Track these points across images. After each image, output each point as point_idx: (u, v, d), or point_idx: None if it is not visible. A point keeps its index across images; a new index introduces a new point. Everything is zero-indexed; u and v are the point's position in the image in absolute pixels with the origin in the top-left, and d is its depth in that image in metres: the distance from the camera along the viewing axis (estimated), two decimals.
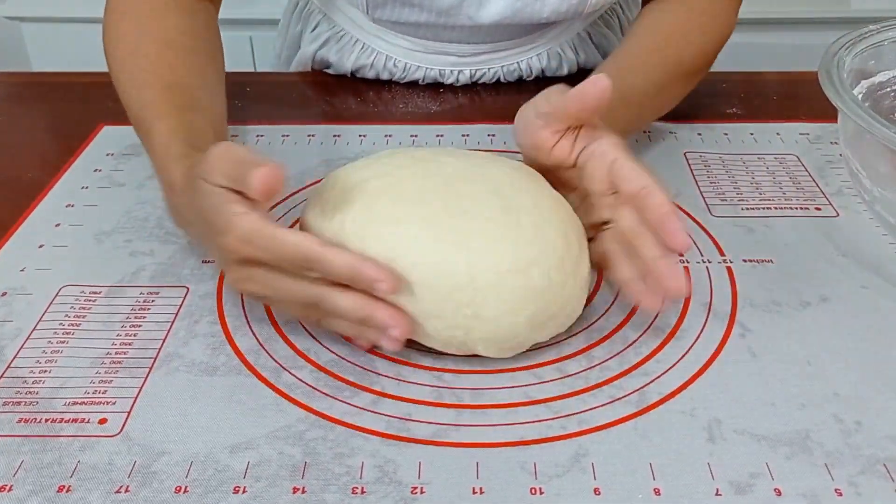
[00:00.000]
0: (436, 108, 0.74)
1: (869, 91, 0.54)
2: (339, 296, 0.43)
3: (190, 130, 0.53)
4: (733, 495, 0.38)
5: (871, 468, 0.39)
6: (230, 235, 0.43)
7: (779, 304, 0.49)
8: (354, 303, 0.42)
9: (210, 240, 0.46)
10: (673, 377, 0.45)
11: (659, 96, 0.64)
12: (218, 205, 0.43)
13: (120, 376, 0.45)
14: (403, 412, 0.43)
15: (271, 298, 0.46)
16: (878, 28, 0.55)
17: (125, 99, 0.60)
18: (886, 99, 0.53)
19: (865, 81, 0.53)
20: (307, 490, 0.39)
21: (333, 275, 0.42)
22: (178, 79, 0.59)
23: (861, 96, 0.53)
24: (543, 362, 0.46)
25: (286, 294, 0.44)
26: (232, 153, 0.44)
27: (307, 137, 0.69)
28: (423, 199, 0.45)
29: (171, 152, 0.52)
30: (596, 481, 0.39)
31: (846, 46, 0.53)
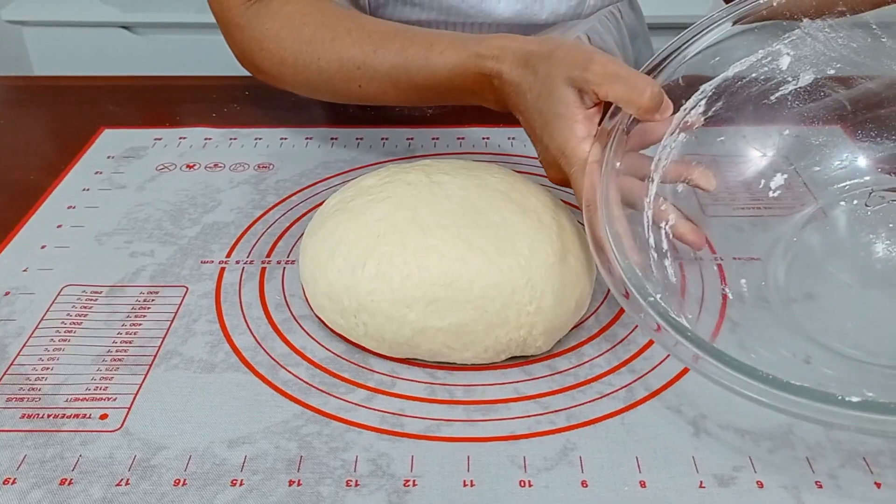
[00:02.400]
0: (431, 111, 0.75)
1: (720, 88, 0.52)
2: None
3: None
4: (717, 488, 0.39)
5: (852, 461, 0.41)
6: (553, 149, 0.48)
7: (766, 301, 0.50)
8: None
9: (536, 135, 0.50)
10: (661, 373, 0.46)
11: None
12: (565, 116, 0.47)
13: (120, 373, 0.46)
14: (397, 408, 0.44)
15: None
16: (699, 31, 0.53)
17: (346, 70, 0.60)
18: (753, 86, 0.53)
19: (711, 83, 0.52)
20: (303, 483, 0.40)
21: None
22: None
23: (716, 87, 0.52)
24: (534, 359, 0.47)
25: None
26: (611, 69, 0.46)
27: (305, 140, 0.70)
28: (451, 222, 0.46)
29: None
30: (583, 474, 0.40)
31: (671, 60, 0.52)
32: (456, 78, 0.55)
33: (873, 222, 0.53)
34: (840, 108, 0.53)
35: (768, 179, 0.56)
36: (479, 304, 0.44)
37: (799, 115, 0.54)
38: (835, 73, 0.52)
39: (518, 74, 0.51)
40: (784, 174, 0.56)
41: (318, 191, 0.63)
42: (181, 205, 0.62)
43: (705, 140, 0.53)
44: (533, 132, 0.51)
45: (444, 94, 0.57)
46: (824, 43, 0.51)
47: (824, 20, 0.50)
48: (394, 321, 0.45)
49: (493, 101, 0.55)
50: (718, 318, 0.49)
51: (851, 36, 0.51)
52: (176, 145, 0.70)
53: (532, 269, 0.45)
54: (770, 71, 0.51)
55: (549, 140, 0.49)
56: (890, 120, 0.53)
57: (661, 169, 0.50)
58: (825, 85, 0.52)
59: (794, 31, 0.51)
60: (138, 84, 0.81)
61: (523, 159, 0.67)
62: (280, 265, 0.55)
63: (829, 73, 0.52)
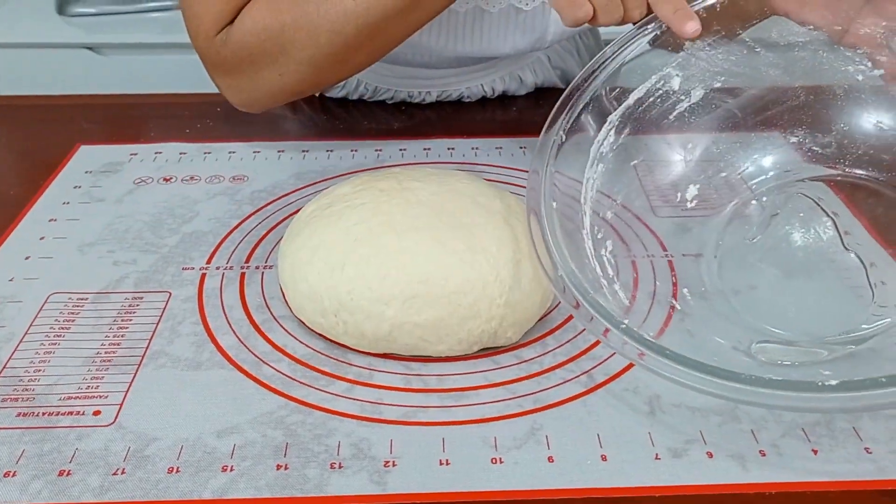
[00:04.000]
0: (398, 123, 0.79)
1: (624, 116, 0.57)
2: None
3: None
4: (671, 459, 0.43)
5: (792, 432, 0.45)
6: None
7: (707, 290, 0.54)
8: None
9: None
10: (618, 359, 0.50)
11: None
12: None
13: (111, 373, 0.49)
14: (375, 397, 0.47)
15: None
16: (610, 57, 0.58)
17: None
18: (652, 109, 0.58)
19: (616, 114, 0.57)
20: (289, 467, 0.43)
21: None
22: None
23: (620, 117, 0.57)
24: (501, 350, 0.51)
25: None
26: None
27: (277, 153, 0.73)
28: (423, 224, 0.50)
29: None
30: (550, 451, 0.43)
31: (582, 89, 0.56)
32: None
33: (788, 214, 0.58)
34: (732, 117, 0.59)
35: (687, 185, 0.60)
36: (453, 299, 0.48)
37: (697, 128, 0.59)
38: (721, 86, 0.57)
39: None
40: (704, 177, 0.60)
41: (291, 200, 0.66)
42: (160, 216, 0.64)
43: (620, 168, 0.57)
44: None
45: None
46: (707, 60, 0.56)
47: (703, 40, 0.55)
48: (373, 318, 0.48)
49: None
50: (669, 311, 0.53)
51: (730, 51, 0.56)
52: (152, 160, 0.72)
53: (500, 266, 0.49)
54: (665, 93, 0.56)
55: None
56: (777, 119, 0.58)
57: (591, 200, 0.54)
58: (714, 98, 0.57)
59: (680, 54, 0.56)
60: (112, 102, 0.84)
61: (487, 167, 0.70)
62: (259, 270, 0.58)
63: (715, 87, 0.57)
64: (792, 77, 0.58)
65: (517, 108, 0.84)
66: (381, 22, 0.61)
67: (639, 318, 0.53)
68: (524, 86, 0.85)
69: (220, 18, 0.63)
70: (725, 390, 0.40)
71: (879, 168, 0.56)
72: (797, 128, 0.58)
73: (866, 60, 0.55)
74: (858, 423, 0.45)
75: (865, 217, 0.59)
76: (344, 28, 0.61)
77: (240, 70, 0.65)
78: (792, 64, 0.58)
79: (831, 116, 0.57)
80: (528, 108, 0.84)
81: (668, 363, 0.42)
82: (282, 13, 0.61)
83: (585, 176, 0.55)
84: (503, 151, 0.73)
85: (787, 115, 0.59)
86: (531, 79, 0.86)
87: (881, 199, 0.57)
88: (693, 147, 0.61)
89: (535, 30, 0.73)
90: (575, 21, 0.55)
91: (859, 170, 0.57)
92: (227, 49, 0.64)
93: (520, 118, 0.82)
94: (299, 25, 0.61)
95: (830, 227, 0.58)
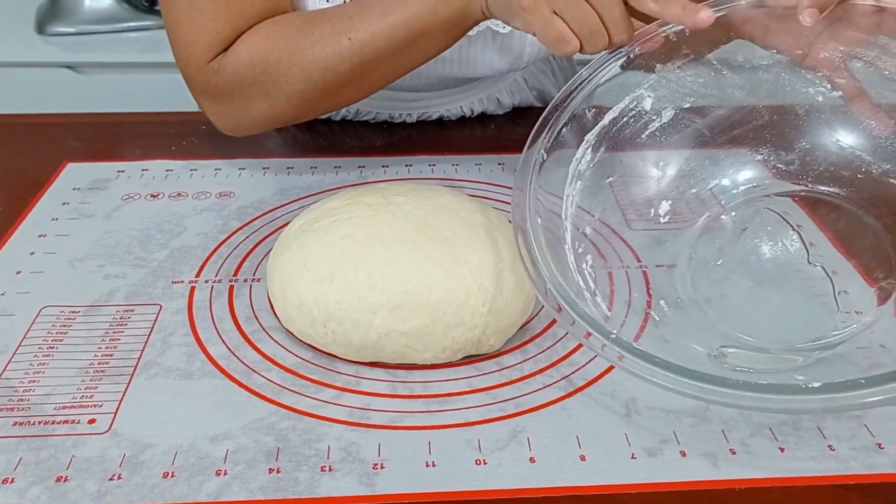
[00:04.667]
0: (381, 141, 0.81)
1: (600, 136, 0.60)
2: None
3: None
4: (646, 458, 0.45)
5: (760, 432, 0.47)
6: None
7: (681, 300, 0.57)
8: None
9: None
10: (596, 365, 0.52)
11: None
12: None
13: (104, 383, 0.50)
14: (363, 403, 0.49)
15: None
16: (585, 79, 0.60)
17: (336, 51, 0.63)
18: (626, 129, 0.60)
19: (592, 133, 0.59)
20: (281, 470, 0.44)
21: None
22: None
23: (596, 136, 0.60)
24: (484, 357, 0.53)
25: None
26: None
27: (262, 170, 0.75)
28: (409, 237, 0.52)
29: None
30: (531, 452, 0.45)
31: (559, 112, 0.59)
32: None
33: (756, 227, 0.61)
34: (701, 136, 0.62)
35: (661, 201, 0.63)
36: (438, 308, 0.50)
37: (669, 146, 0.62)
38: (690, 106, 0.60)
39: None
40: (676, 193, 0.63)
41: (277, 215, 0.68)
42: (148, 231, 0.66)
43: (597, 185, 0.60)
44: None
45: (433, 21, 0.61)
46: (676, 82, 0.59)
47: (673, 63, 0.58)
48: (360, 327, 0.50)
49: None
50: (644, 318, 0.55)
51: (698, 73, 0.59)
52: (139, 177, 0.74)
53: (483, 276, 0.51)
54: (638, 113, 0.59)
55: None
56: (744, 138, 0.61)
57: (571, 216, 0.57)
58: (684, 117, 0.60)
59: (651, 76, 0.59)
60: (98, 120, 0.85)
61: (467, 183, 0.73)
62: (247, 283, 0.60)
63: (685, 107, 0.60)
64: (756, 98, 0.61)
65: (495, 126, 0.86)
66: (373, 62, 0.63)
67: (616, 326, 0.55)
68: (502, 106, 0.88)
69: (213, 46, 0.65)
70: (714, 395, 0.43)
71: (840, 184, 0.59)
72: (762, 146, 0.61)
73: (826, 82, 0.58)
74: (822, 423, 0.48)
75: (829, 230, 0.62)
76: (338, 66, 0.63)
77: (230, 98, 0.67)
78: (756, 85, 0.61)
79: (794, 135, 0.61)
80: (506, 126, 0.87)
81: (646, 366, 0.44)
82: (277, 48, 0.64)
83: (565, 193, 0.57)
84: (482, 168, 0.75)
85: (753, 133, 0.62)
86: (508, 100, 0.88)
87: (843, 213, 0.60)
88: (665, 164, 0.63)
89: (511, 51, 0.76)
90: (564, 54, 0.57)
91: (822, 185, 0.60)
92: (219, 78, 0.66)
93: (498, 136, 0.84)
94: (294, 61, 0.63)
95: (797, 239, 0.61)
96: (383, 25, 0.62)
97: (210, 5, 0.64)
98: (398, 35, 0.62)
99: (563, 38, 0.55)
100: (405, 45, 0.63)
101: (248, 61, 0.64)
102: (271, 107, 0.66)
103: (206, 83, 0.66)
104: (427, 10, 0.61)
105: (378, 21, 0.62)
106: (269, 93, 0.65)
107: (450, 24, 0.62)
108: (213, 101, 0.68)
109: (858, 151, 0.58)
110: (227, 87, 0.66)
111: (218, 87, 0.66)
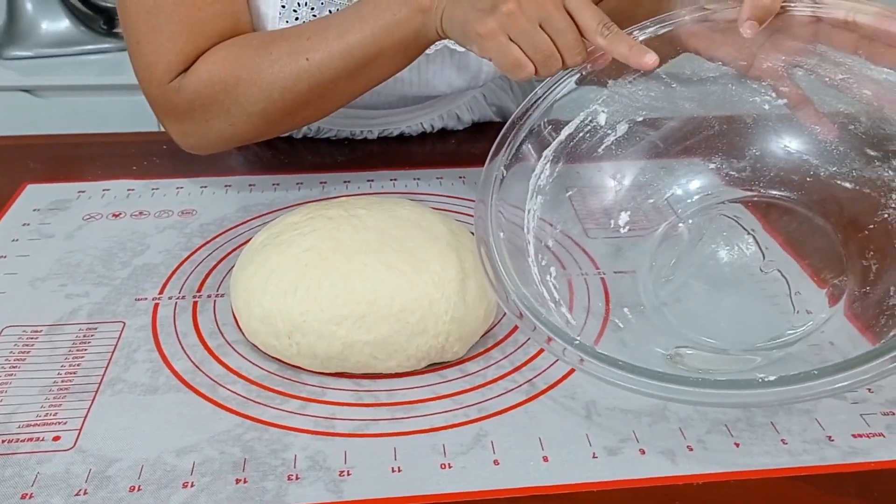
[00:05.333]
0: (342, 157, 0.82)
1: (557, 151, 0.61)
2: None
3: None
4: (607, 457, 0.46)
5: (716, 428, 0.48)
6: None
7: (642, 305, 0.58)
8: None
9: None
10: (556, 369, 0.53)
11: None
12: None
13: (68, 400, 0.50)
14: (328, 413, 0.49)
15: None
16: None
17: (295, 71, 0.64)
18: (583, 143, 0.62)
19: (550, 148, 0.61)
20: (248, 480, 0.45)
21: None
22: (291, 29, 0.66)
23: (554, 151, 0.61)
24: (447, 364, 0.54)
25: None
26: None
27: (224, 187, 0.76)
28: (371, 249, 0.53)
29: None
30: (495, 455, 0.46)
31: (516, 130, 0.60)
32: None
33: (713, 233, 0.63)
34: (655, 147, 0.64)
35: (619, 212, 0.65)
36: (401, 317, 0.51)
37: (624, 159, 0.63)
38: (643, 120, 0.62)
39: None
40: (634, 204, 0.65)
41: (240, 232, 0.69)
42: (111, 250, 0.66)
43: (557, 199, 0.62)
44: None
45: (389, 42, 0.62)
46: (628, 97, 0.61)
47: (625, 78, 0.60)
48: (325, 338, 0.51)
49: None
50: (602, 323, 0.57)
51: (648, 87, 0.61)
52: (100, 197, 0.74)
53: (445, 285, 0.52)
54: (593, 128, 0.61)
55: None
56: (696, 148, 0.64)
57: (533, 229, 0.58)
58: (638, 131, 0.63)
59: (604, 91, 0.61)
60: (58, 142, 0.85)
61: (428, 196, 0.74)
62: (211, 298, 0.60)
63: (638, 121, 0.62)
64: (706, 109, 0.63)
65: (456, 140, 0.88)
66: (331, 82, 0.65)
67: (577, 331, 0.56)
68: (462, 122, 0.90)
69: (174, 66, 0.66)
70: (673, 393, 0.44)
71: (790, 188, 0.62)
72: (715, 155, 0.63)
73: (771, 91, 0.60)
74: (775, 418, 0.49)
75: (781, 233, 0.64)
76: (297, 86, 0.64)
77: (191, 117, 0.67)
78: (705, 97, 0.63)
79: (744, 143, 0.63)
80: (466, 140, 0.88)
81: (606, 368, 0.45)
82: (237, 67, 0.65)
83: (527, 207, 0.59)
84: (444, 182, 0.77)
85: (705, 143, 0.64)
86: (468, 116, 0.90)
87: (794, 216, 0.62)
88: (622, 176, 0.65)
89: (469, 69, 0.78)
90: (519, 79, 0.59)
91: (773, 190, 0.62)
92: (180, 97, 0.66)
93: (458, 150, 0.86)
94: (253, 80, 0.64)
95: (752, 243, 0.63)
96: (340, 46, 0.63)
97: (170, 26, 0.65)
98: (355, 55, 0.63)
99: (519, 63, 0.57)
100: (362, 65, 0.64)
101: (209, 80, 0.65)
102: (232, 125, 0.67)
103: (167, 103, 0.67)
104: (382, 30, 0.62)
105: (335, 42, 0.63)
106: (229, 111, 0.66)
107: (405, 45, 0.63)
108: (176, 121, 0.68)
109: (806, 156, 0.60)
110: (188, 106, 0.66)
111: (179, 107, 0.67)
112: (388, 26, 0.62)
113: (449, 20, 0.59)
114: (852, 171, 0.57)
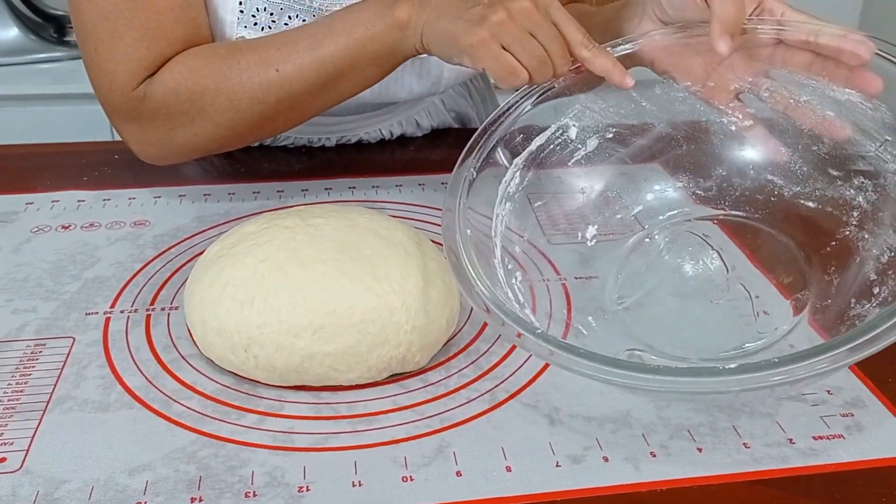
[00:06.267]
0: (299, 165, 0.81)
1: (528, 160, 0.62)
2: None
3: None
4: (571, 465, 0.46)
5: (679, 434, 0.48)
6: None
7: (604, 310, 0.58)
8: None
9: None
10: (519, 377, 0.52)
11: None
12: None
13: (15, 420, 0.48)
14: (287, 427, 0.48)
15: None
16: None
17: (266, 78, 0.63)
18: (553, 155, 0.62)
19: (520, 157, 0.61)
20: (204, 499, 0.43)
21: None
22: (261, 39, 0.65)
23: (524, 160, 0.62)
24: (408, 374, 0.53)
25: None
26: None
27: (178, 197, 0.74)
28: (329, 258, 0.52)
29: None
30: (458, 465, 0.46)
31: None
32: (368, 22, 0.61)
33: (679, 248, 0.63)
34: (624, 164, 0.64)
35: (587, 225, 0.65)
36: (362, 327, 0.50)
37: (594, 174, 0.64)
38: (612, 136, 0.63)
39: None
40: (602, 218, 0.65)
41: (195, 243, 0.67)
42: (60, 263, 0.64)
43: (525, 208, 0.62)
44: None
45: (363, 56, 0.62)
46: (599, 113, 0.62)
47: (595, 93, 0.61)
48: (283, 350, 0.50)
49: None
50: (565, 328, 0.57)
51: (619, 104, 0.62)
52: (49, 208, 0.72)
53: (405, 293, 0.51)
54: (564, 141, 0.62)
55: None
56: (664, 167, 0.64)
57: (500, 235, 0.58)
58: (608, 147, 0.63)
59: (576, 106, 0.61)
60: (5, 152, 0.82)
61: (388, 203, 0.73)
62: (164, 311, 0.58)
63: (608, 137, 0.62)
64: (675, 129, 0.64)
65: (415, 147, 0.87)
66: (300, 95, 0.64)
67: None
68: (421, 129, 0.89)
69: (137, 73, 0.64)
70: (639, 381, 0.44)
71: (756, 207, 0.62)
72: (682, 174, 0.64)
73: (737, 112, 0.61)
74: (737, 422, 0.49)
75: (747, 249, 0.64)
76: (265, 97, 0.63)
77: (154, 126, 0.66)
78: (673, 116, 0.64)
79: (711, 163, 0.64)
80: (425, 147, 0.87)
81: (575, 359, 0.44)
82: (204, 76, 0.63)
83: (495, 212, 0.58)
84: (403, 189, 0.76)
85: (673, 162, 0.64)
86: (427, 122, 0.89)
87: (759, 233, 0.63)
88: (591, 191, 0.65)
89: (430, 75, 0.77)
90: (513, 86, 0.59)
91: (738, 210, 0.63)
92: (145, 105, 0.65)
93: (417, 157, 0.85)
94: (220, 90, 0.63)
95: (716, 258, 0.63)
96: (311, 59, 0.62)
97: (130, 33, 0.63)
98: (327, 69, 0.62)
99: (514, 71, 0.57)
100: (334, 78, 0.63)
101: (174, 88, 0.64)
102: (196, 136, 0.66)
103: (132, 110, 0.65)
104: (356, 44, 0.61)
105: (306, 55, 0.62)
106: (194, 121, 0.65)
107: (380, 60, 0.63)
108: (137, 129, 0.67)
109: (771, 176, 0.61)
110: (152, 114, 0.65)
111: (143, 115, 0.65)
112: (361, 40, 0.61)
113: (432, 35, 0.59)
114: (815, 190, 0.58)
